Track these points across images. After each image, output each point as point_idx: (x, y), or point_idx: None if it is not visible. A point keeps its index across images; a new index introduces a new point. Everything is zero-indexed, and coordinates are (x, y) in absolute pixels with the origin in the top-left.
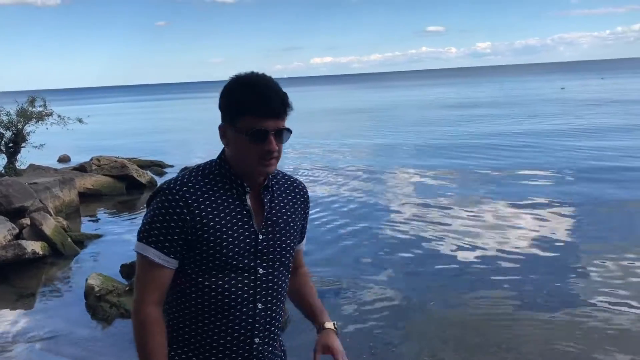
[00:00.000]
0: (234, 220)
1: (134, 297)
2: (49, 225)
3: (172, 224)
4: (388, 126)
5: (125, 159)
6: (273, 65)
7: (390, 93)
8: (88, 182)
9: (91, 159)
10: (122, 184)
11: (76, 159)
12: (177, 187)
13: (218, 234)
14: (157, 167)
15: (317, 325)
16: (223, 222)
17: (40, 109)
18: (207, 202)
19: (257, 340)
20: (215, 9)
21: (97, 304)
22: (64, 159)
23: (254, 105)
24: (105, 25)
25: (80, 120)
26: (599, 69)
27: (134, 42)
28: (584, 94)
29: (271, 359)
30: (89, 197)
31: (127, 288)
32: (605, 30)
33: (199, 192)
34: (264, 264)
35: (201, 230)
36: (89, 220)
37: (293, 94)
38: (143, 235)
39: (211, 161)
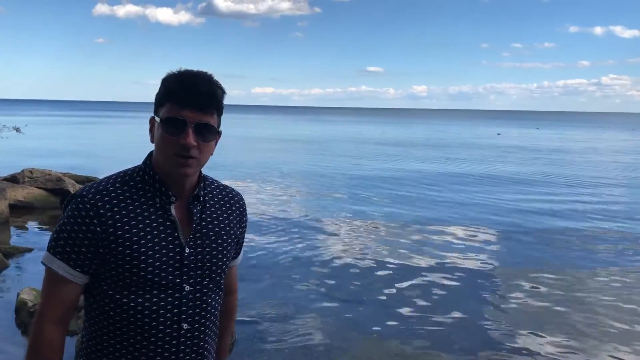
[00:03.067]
0: (155, 232)
1: (36, 312)
2: None
3: (80, 235)
4: (320, 155)
5: (60, 173)
6: None
7: (328, 126)
8: (20, 193)
9: (22, 171)
10: (56, 198)
11: (5, 170)
12: (90, 195)
13: (135, 246)
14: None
15: None
16: (142, 234)
17: None
18: (123, 212)
19: None
20: (159, 31)
21: (30, 320)
22: None
23: (175, 92)
24: (42, 36)
25: (17, 130)
26: (530, 118)
27: (71, 57)
28: (519, 140)
29: None
30: (19, 209)
31: None
32: (532, 83)
33: (114, 201)
34: (191, 281)
35: (115, 243)
36: (19, 233)
37: (233, 120)
38: (50, 246)
39: (135, 167)
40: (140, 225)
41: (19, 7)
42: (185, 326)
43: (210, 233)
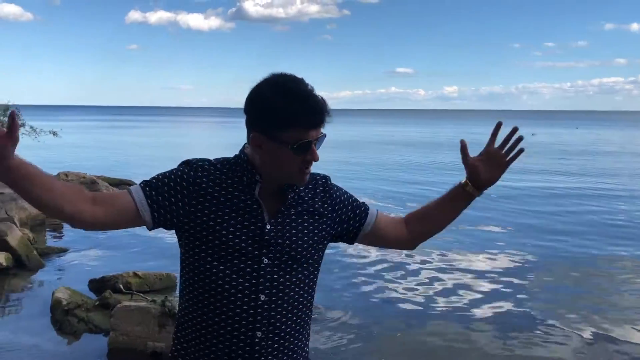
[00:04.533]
0: (239, 206)
1: None
2: (15, 236)
3: (172, 184)
4: (349, 157)
5: (94, 176)
6: (242, 95)
7: (357, 128)
8: None
9: (58, 174)
10: None
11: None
12: (193, 163)
13: (218, 214)
14: (127, 185)
15: (460, 186)
16: (222, 206)
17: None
18: (215, 183)
19: (259, 334)
20: (190, 36)
21: (65, 318)
22: None
23: (301, 118)
24: (77, 44)
25: (54, 133)
26: (565, 118)
27: (105, 64)
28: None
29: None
30: None
31: (97, 303)
32: (566, 82)
33: (211, 176)
34: (270, 255)
35: (201, 205)
36: (55, 235)
37: None
38: (142, 181)
39: (228, 157)
40: (226, 197)
41: (55, 16)
42: (262, 297)
43: (293, 213)
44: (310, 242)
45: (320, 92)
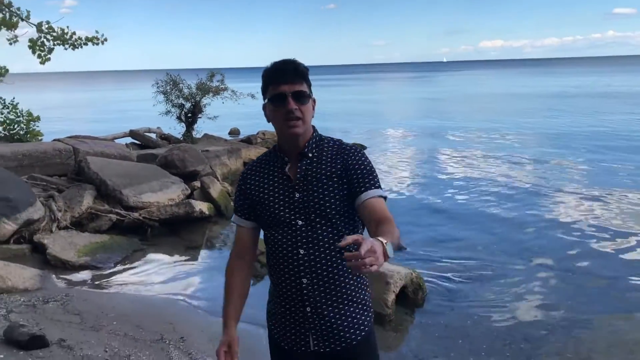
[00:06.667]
0: (276, 184)
1: None
2: (216, 189)
3: (240, 194)
4: (559, 114)
5: None
6: (438, 49)
7: (565, 79)
8: (252, 153)
9: (257, 133)
10: None
11: (245, 132)
12: (244, 168)
13: (263, 195)
14: None
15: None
16: (267, 186)
17: (217, 84)
18: (259, 175)
19: (304, 280)
20: None
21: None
22: (234, 132)
23: (270, 76)
24: (276, 6)
25: (252, 96)
26: None
27: (303, 24)
28: None
29: (327, 304)
30: None
31: None
32: None
33: (255, 168)
34: (302, 217)
35: (254, 194)
36: None
37: (457, 78)
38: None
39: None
40: (267, 180)
41: None
42: (301, 252)
43: (314, 181)
44: (333, 201)
45: (522, 40)
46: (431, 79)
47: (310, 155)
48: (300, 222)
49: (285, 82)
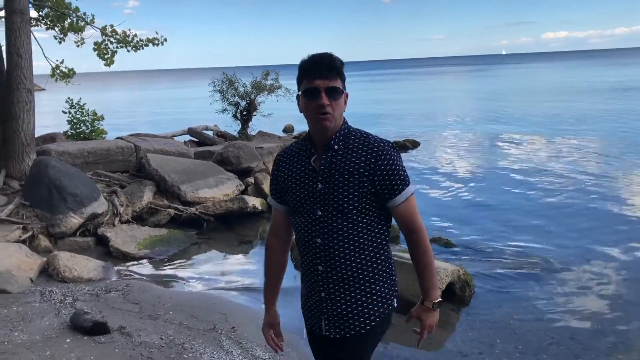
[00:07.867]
0: (302, 174)
1: None
2: (269, 185)
3: (273, 179)
4: (623, 108)
5: None
6: (497, 41)
7: (634, 71)
8: None
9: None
10: None
11: (299, 129)
12: (277, 154)
13: (290, 184)
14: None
15: (421, 298)
16: (294, 174)
17: (272, 82)
18: (289, 163)
19: (320, 267)
20: None
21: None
22: (288, 129)
23: (306, 70)
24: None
25: None
26: None
27: (359, 20)
28: None
29: (340, 292)
30: None
31: None
32: None
33: (286, 157)
34: (321, 208)
35: (283, 183)
36: None
37: (517, 71)
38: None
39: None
40: (294, 170)
41: None
42: (318, 240)
43: (337, 174)
44: (351, 196)
45: (588, 31)
46: (485, 72)
47: (336, 147)
48: (319, 212)
49: (319, 77)
